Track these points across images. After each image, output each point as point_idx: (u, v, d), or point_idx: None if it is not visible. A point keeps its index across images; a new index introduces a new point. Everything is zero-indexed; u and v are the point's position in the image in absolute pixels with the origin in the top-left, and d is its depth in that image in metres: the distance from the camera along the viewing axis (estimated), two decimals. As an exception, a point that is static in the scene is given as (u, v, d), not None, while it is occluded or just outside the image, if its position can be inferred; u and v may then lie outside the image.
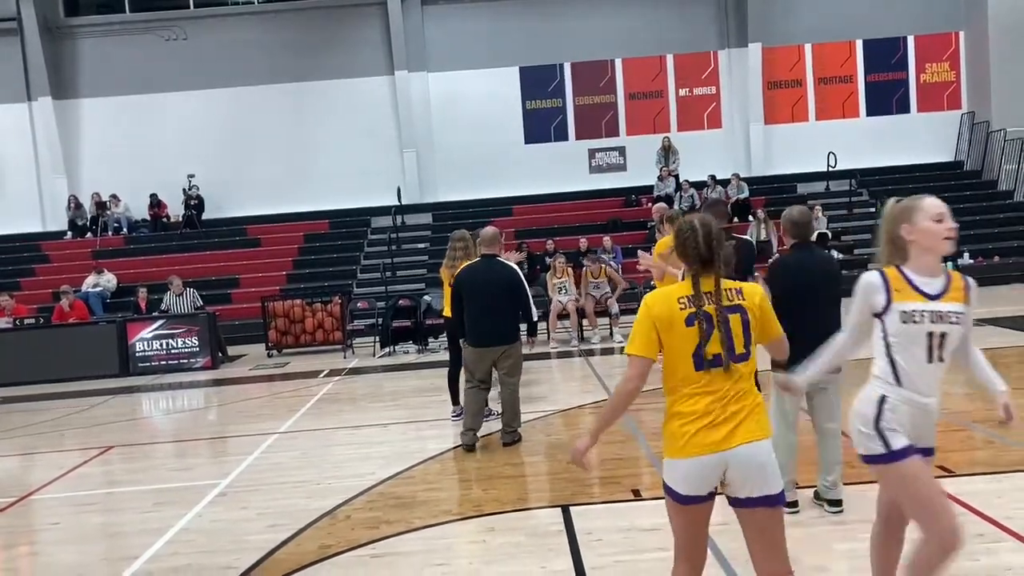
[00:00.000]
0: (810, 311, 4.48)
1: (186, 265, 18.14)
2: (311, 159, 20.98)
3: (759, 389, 3.00)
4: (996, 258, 17.05)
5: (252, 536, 5.03)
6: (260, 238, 20.09)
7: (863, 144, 20.61)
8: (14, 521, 5.89)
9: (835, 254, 17.52)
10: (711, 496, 2.85)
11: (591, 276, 13.24)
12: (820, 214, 17.90)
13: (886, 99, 21.42)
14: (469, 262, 7.05)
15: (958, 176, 20.69)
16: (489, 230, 7.09)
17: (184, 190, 20.55)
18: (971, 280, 3.16)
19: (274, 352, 14.08)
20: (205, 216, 20.84)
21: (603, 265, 13.57)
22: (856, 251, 17.84)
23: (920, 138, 20.97)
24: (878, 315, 3.08)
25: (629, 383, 2.88)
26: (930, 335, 3.00)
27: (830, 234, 17.74)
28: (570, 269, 13.64)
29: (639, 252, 8.22)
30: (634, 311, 13.27)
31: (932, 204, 3.11)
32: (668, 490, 2.88)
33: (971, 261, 16.90)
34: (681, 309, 2.83)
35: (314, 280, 17.93)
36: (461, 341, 7.16)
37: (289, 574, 4.41)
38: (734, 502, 2.86)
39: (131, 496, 6.38)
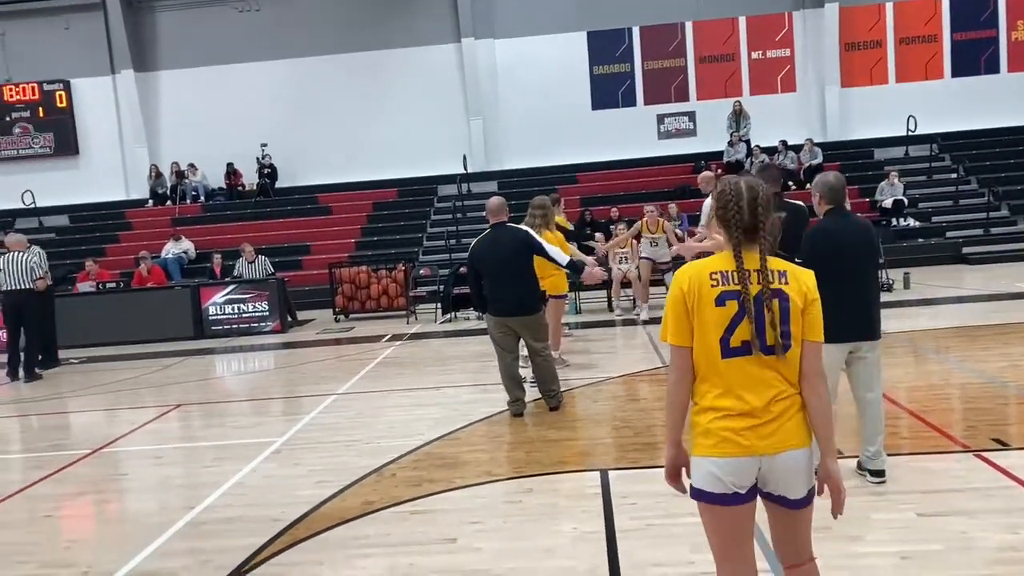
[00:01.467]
0: (848, 279, 4.39)
1: (260, 232, 18.68)
2: (379, 128, 21.24)
3: None
4: (1087, 226, 16.18)
5: (301, 491, 5.24)
6: (330, 206, 20.51)
7: (947, 107, 19.75)
8: (91, 471, 6.26)
9: (912, 222, 16.94)
10: (753, 494, 2.55)
11: (647, 229, 12.17)
12: (896, 180, 17.28)
13: (973, 59, 20.41)
14: (483, 233, 6.97)
15: (1050, 139, 19.64)
16: (494, 200, 7.01)
17: (258, 159, 21.11)
18: None
19: (340, 317, 14.44)
20: (278, 185, 21.39)
21: (662, 220, 12.39)
22: (934, 219, 17.15)
23: (1010, 100, 19.95)
24: None
25: (672, 375, 2.59)
26: None
27: (906, 201, 17.12)
28: (633, 242, 13.50)
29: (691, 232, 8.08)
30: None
31: None
32: (696, 492, 2.56)
33: (1060, 229, 16.09)
34: (712, 286, 2.51)
35: (381, 247, 18.26)
36: (484, 314, 7.05)
37: (332, 527, 4.59)
38: (765, 496, 2.58)
39: (195, 451, 6.70)
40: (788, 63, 20.97)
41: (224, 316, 13.78)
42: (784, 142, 18.83)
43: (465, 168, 20.39)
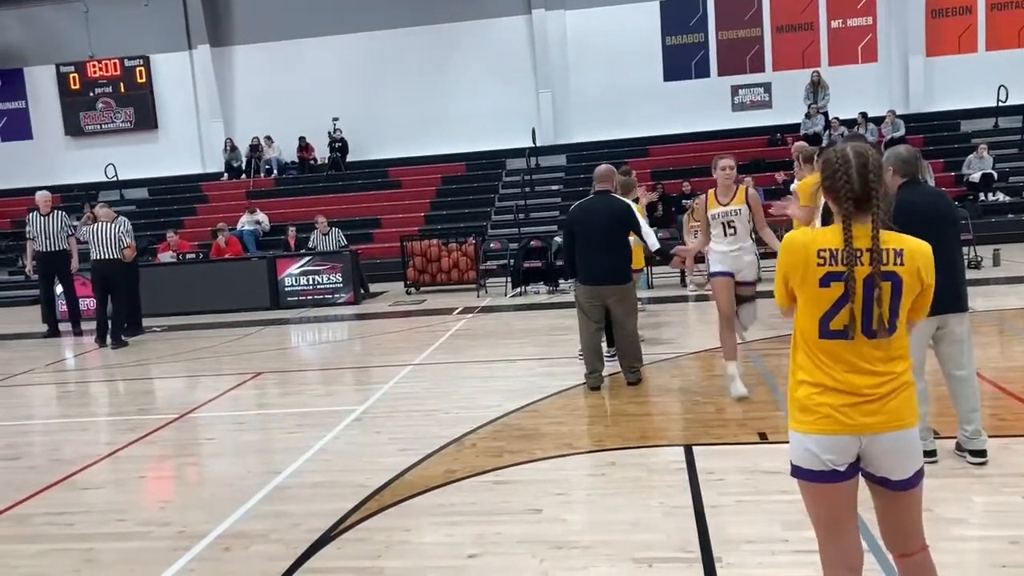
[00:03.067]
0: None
1: (331, 206, 18.94)
2: (448, 102, 21.24)
3: None
4: None
5: (384, 459, 5.30)
6: (400, 180, 20.66)
7: (1041, 76, 18.77)
8: (177, 435, 6.44)
9: (1002, 197, 16.24)
10: (853, 471, 2.42)
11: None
12: (986, 153, 16.57)
13: (1072, 24, 19.34)
14: (587, 198, 6.97)
15: None
16: (603, 167, 7.00)
17: (329, 133, 21.36)
18: None
19: (412, 289, 14.57)
20: (349, 159, 21.63)
21: (742, 186, 11.42)
22: (1025, 193, 16.41)
23: (1110, 68, 18.86)
24: None
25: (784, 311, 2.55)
26: None
27: (995, 175, 16.39)
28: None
29: (780, 200, 7.75)
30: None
31: None
32: (796, 470, 2.46)
33: None
34: (819, 265, 2.35)
35: (451, 221, 18.33)
36: (574, 281, 7.07)
37: (417, 494, 4.63)
38: (867, 476, 2.46)
39: (277, 417, 6.84)
40: (870, 32, 20.20)
41: (299, 287, 14.04)
42: (864, 114, 18.18)
43: (534, 142, 20.27)
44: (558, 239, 13.54)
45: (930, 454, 4.48)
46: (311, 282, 14.01)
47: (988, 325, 8.39)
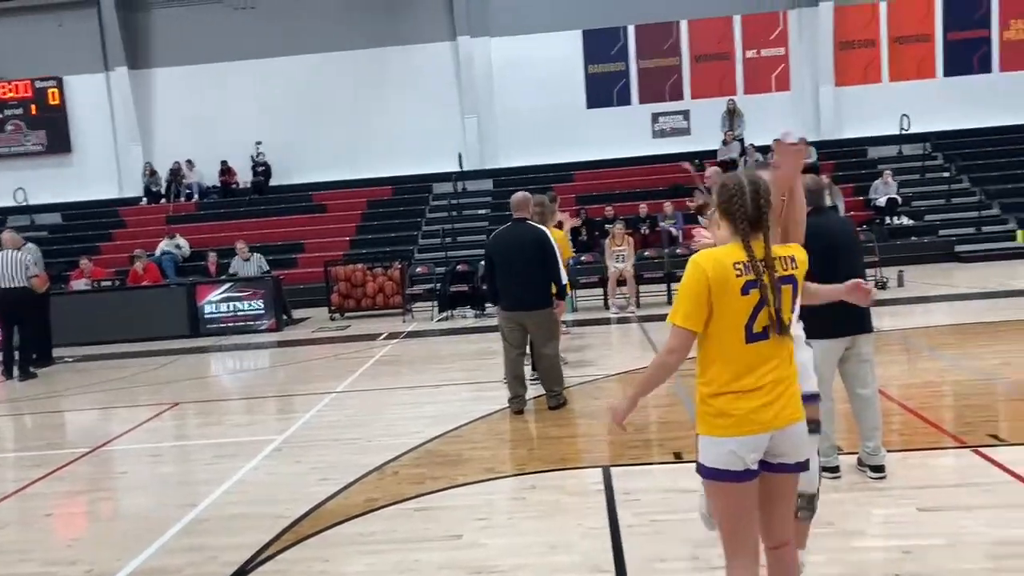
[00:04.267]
0: (840, 274, 4.41)
1: (254, 230, 18.65)
2: (374, 126, 21.22)
3: None
4: (1078, 225, 16.30)
5: (304, 488, 5.25)
6: (325, 204, 20.50)
7: (940, 106, 19.84)
8: (88, 469, 6.24)
9: (906, 220, 17.03)
10: (759, 469, 2.68)
11: (615, 243, 13.00)
12: (890, 179, 17.38)
13: (966, 58, 20.52)
14: (504, 226, 7.08)
15: (1041, 139, 19.75)
16: (519, 195, 7.06)
17: (252, 157, 21.09)
18: None
19: (336, 315, 14.44)
20: (272, 183, 21.36)
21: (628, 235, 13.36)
22: (927, 218, 17.24)
23: (1002, 99, 20.05)
24: None
25: (671, 356, 2.67)
26: None
27: (899, 199, 17.21)
28: (629, 237, 13.57)
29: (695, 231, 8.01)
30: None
31: None
32: (712, 472, 2.65)
33: (1051, 228, 16.20)
34: (737, 276, 2.59)
35: (376, 245, 18.26)
36: (495, 307, 7.15)
37: (336, 524, 4.60)
38: (764, 466, 2.69)
39: (195, 449, 6.70)
40: (782, 62, 21.04)
41: (219, 314, 13.76)
42: (778, 141, 18.83)
43: (460, 166, 20.39)
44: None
45: (834, 470, 4.69)
46: (232, 309, 13.75)
47: (893, 344, 8.79)
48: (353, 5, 21.18)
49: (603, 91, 21.34)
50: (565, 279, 6.97)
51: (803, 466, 2.77)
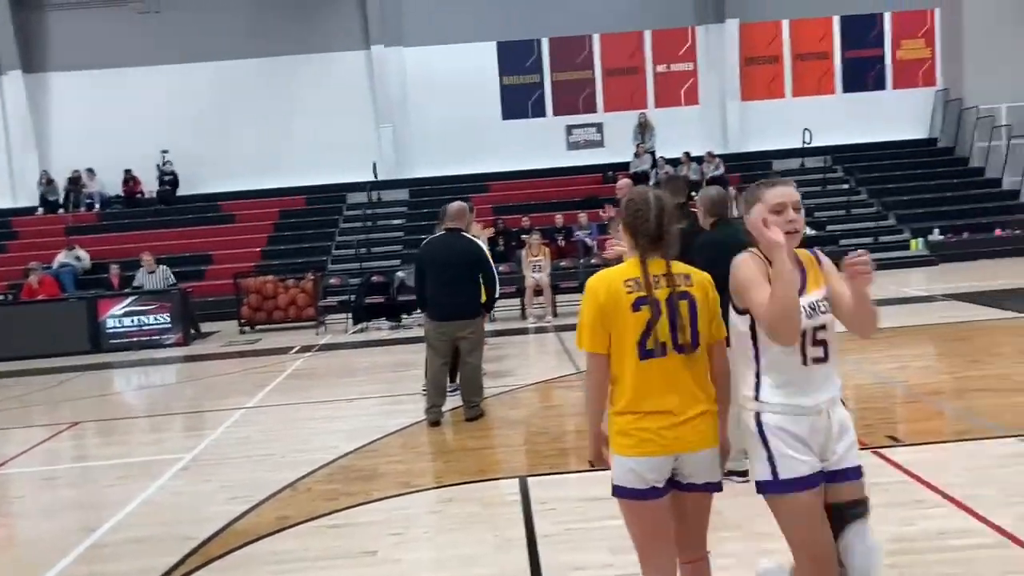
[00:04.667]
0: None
1: (160, 242, 18.02)
2: (286, 135, 20.81)
3: None
4: (965, 234, 17.24)
5: (212, 508, 5.08)
6: (235, 214, 19.98)
7: (839, 121, 20.69)
8: (-23, 495, 5.90)
9: (809, 231, 17.67)
10: (669, 488, 2.68)
11: (531, 254, 13.10)
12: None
13: (862, 76, 21.48)
14: (433, 236, 7.09)
15: (932, 153, 20.87)
16: (453, 205, 7.11)
17: (158, 166, 20.40)
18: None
19: (246, 328, 14.07)
20: (179, 192, 20.69)
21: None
22: (828, 228, 17.97)
23: (895, 115, 21.06)
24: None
25: (590, 381, 2.72)
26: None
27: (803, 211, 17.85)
28: (546, 247, 13.68)
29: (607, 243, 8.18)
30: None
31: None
32: (619, 490, 2.67)
33: (941, 237, 17.10)
34: (628, 293, 2.63)
35: (289, 257, 17.89)
36: (424, 316, 7.14)
37: (246, 544, 4.47)
38: (675, 485, 2.71)
39: (96, 470, 6.41)
40: (691, 77, 21.61)
41: (123, 329, 13.22)
42: (688, 154, 19.38)
43: (375, 176, 20.20)
44: (400, 274, 13.55)
45: (743, 474, 4.81)
46: (136, 323, 13.24)
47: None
48: (263, 12, 20.75)
49: (518, 103, 21.50)
50: (495, 295, 7.03)
51: (714, 487, 2.74)
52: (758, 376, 2.67)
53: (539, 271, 13.04)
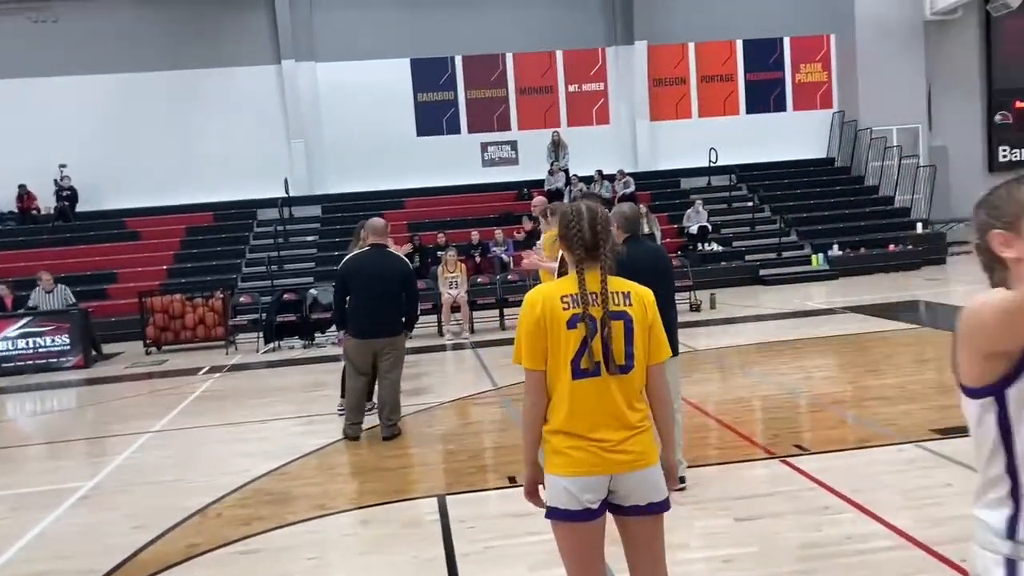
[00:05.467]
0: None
1: (58, 260, 17.20)
2: (194, 150, 20.23)
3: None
4: (862, 250, 18.07)
5: (115, 538, 4.85)
6: (139, 231, 19.26)
7: (743, 141, 21.42)
8: None
9: (715, 247, 18.22)
10: (603, 509, 2.60)
11: (447, 270, 13.19)
12: (701, 208, 18.55)
13: (764, 97, 22.34)
14: (357, 251, 7.01)
15: (830, 172, 21.82)
16: (378, 221, 7.07)
17: (56, 181, 19.50)
18: None
19: (152, 349, 13.55)
20: (79, 208, 19.81)
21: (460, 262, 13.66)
22: (734, 244, 18.54)
23: (796, 135, 21.97)
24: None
25: (528, 399, 2.63)
26: None
27: (710, 227, 18.40)
28: (462, 264, 13.68)
29: (525, 253, 8.31)
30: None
31: None
32: (552, 512, 2.59)
33: (840, 252, 17.86)
34: (564, 309, 2.56)
35: (197, 275, 17.34)
36: (343, 332, 7.07)
37: (152, 575, 4.28)
38: (616, 510, 2.63)
39: (-14, 502, 6.03)
40: (602, 97, 22.04)
41: (17, 352, 12.54)
42: (600, 172, 19.73)
43: (287, 192, 19.83)
44: (313, 291, 13.31)
45: (680, 480, 4.90)
46: (31, 345, 12.58)
47: (707, 362, 9.35)
48: (169, 24, 20.15)
49: (433, 119, 21.49)
50: (415, 312, 7.08)
51: (660, 506, 2.63)
52: (1015, 481, 1.62)
53: (455, 287, 13.03)
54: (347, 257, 6.96)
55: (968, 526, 1.65)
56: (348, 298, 6.74)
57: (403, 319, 6.89)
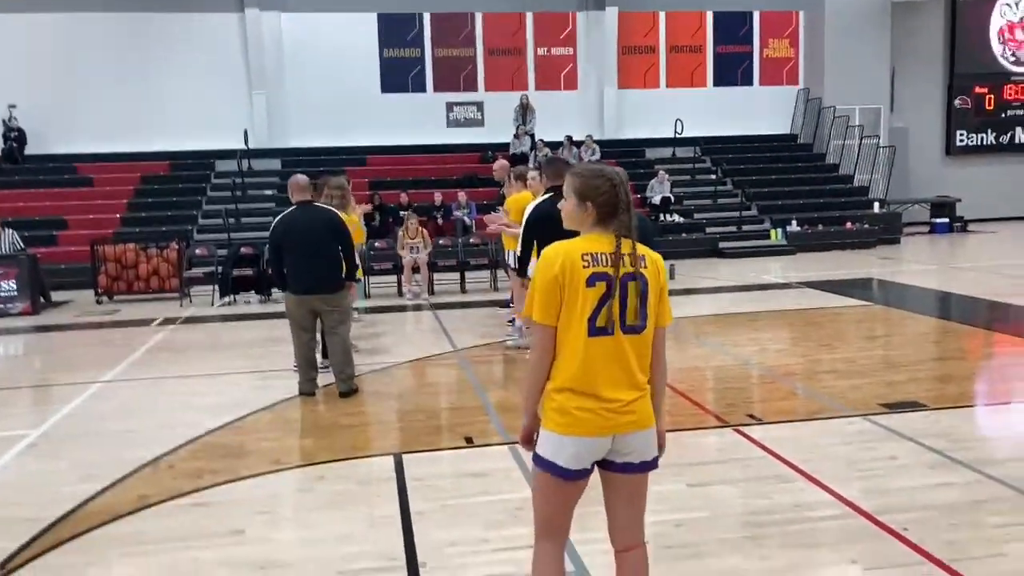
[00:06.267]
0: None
1: (5, 203, 16.66)
2: (151, 96, 19.63)
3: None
4: (820, 226, 18.32)
5: (63, 487, 4.77)
6: (92, 177, 18.73)
7: (709, 113, 21.45)
8: None
9: (677, 218, 18.35)
10: (593, 467, 2.68)
11: (408, 235, 12.92)
12: (665, 179, 18.61)
13: (732, 71, 22.35)
14: (284, 213, 6.90)
15: (792, 148, 22.00)
16: (300, 177, 6.96)
17: (4, 122, 18.83)
18: None
19: (104, 299, 13.26)
20: (28, 151, 19.19)
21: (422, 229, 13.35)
22: (696, 216, 18.67)
23: (761, 110, 22.06)
24: None
25: (535, 353, 2.66)
26: None
27: (673, 198, 18.49)
28: (424, 231, 13.50)
29: (490, 213, 8.29)
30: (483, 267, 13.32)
31: None
32: (548, 465, 2.63)
33: (798, 229, 18.09)
34: (584, 267, 2.58)
35: (150, 224, 16.95)
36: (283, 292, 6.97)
37: (101, 525, 4.23)
38: (607, 466, 2.68)
39: (-72, 448, 5.88)
40: (571, 62, 21.87)
41: (-39, 296, 12.18)
42: (569, 137, 19.65)
43: (246, 144, 19.42)
44: (271, 246, 13.10)
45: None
46: (-23, 290, 12.22)
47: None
48: (128, -38, 19.45)
49: (398, 76, 21.13)
50: (354, 267, 6.93)
51: (649, 465, 2.71)
52: None
53: (416, 251, 12.93)
54: (275, 221, 6.86)
55: (912, 497, 1.69)
56: (284, 258, 6.66)
57: (342, 275, 6.78)
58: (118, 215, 17.45)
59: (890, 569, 3.54)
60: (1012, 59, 22.82)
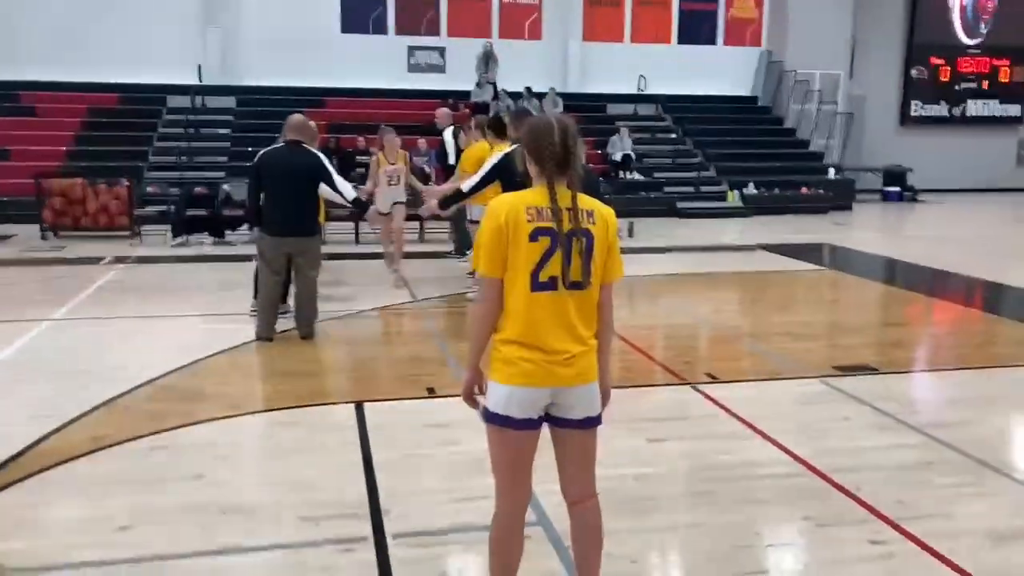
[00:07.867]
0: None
1: (-58, 130, 15.97)
2: (99, 23, 18.79)
3: None
4: (776, 190, 18.53)
5: (12, 427, 4.65)
6: (35, 107, 17.99)
7: (672, 71, 21.36)
8: None
9: (637, 176, 18.38)
10: (541, 421, 2.68)
11: (386, 160, 9.85)
12: (627, 136, 18.57)
13: (697, 28, 22.25)
14: (272, 146, 6.76)
15: (752, 111, 22.10)
16: (298, 117, 6.89)
17: (-61, 43, 17.92)
18: None
19: (49, 234, 12.84)
20: (-34, 76, 18.32)
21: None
22: (655, 175, 18.72)
23: (723, 71, 22.04)
24: None
25: (482, 306, 2.66)
26: None
27: (633, 156, 18.48)
28: (404, 152, 12.78)
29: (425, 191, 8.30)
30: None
31: None
32: (494, 416, 2.65)
33: (754, 191, 18.27)
34: (528, 221, 2.55)
35: (99, 159, 16.35)
36: (257, 230, 6.85)
37: (54, 465, 4.14)
38: (554, 422, 2.71)
39: None
40: (536, 11, 21.53)
41: None
42: (529, 88, 19.43)
43: (200, 79, 18.81)
44: (226, 187, 12.81)
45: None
46: (-86, 220, 11.73)
47: (622, 289, 9.49)
48: None
49: (359, 16, 20.57)
50: (353, 194, 6.78)
51: (593, 421, 2.71)
52: None
53: (396, 183, 9.98)
54: (261, 151, 6.73)
55: (863, 457, 1.75)
56: (263, 195, 6.54)
57: (318, 219, 6.74)
58: (64, 148, 16.83)
59: (843, 526, 3.66)
60: (968, 32, 23.15)
